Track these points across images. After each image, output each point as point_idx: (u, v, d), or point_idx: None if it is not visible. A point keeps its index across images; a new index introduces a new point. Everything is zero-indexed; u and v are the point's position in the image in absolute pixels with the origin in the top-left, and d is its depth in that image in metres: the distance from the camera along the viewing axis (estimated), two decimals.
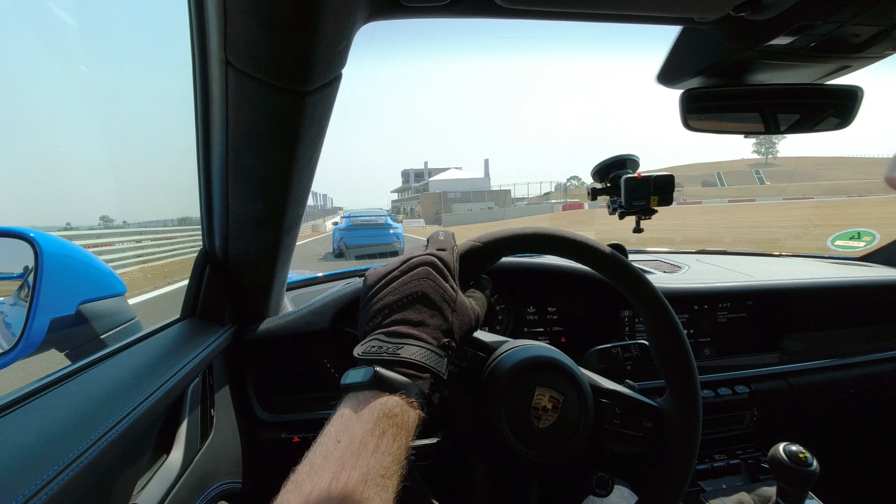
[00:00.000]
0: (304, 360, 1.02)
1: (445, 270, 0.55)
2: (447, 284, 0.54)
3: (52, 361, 0.80)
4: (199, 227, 0.85)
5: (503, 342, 0.71)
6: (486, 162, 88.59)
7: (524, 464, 0.63)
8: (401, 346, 0.48)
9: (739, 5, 0.57)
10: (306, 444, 0.41)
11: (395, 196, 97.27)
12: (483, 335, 0.73)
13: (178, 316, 0.89)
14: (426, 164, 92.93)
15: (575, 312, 1.21)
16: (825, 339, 1.25)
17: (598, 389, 0.69)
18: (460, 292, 0.55)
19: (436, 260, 0.55)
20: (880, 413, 1.29)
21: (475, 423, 0.65)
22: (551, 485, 0.74)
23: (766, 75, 0.79)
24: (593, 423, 0.65)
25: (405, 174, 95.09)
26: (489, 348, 0.69)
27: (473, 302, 0.58)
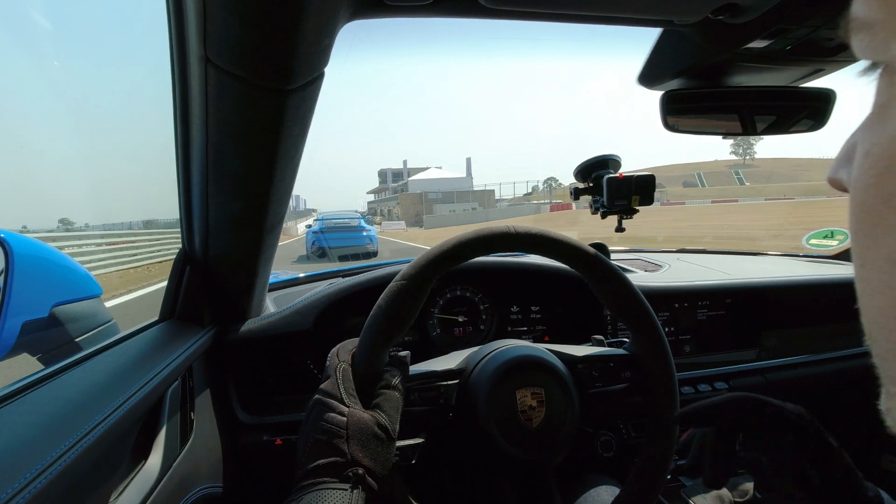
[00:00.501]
0: (287, 361, 1.01)
1: (329, 400, 0.56)
2: (333, 414, 0.54)
3: (25, 366, 0.78)
4: (154, 232, 0.83)
5: (465, 359, 0.70)
6: (469, 161, 78.36)
7: (537, 468, 0.63)
8: (299, 499, 0.49)
9: (718, 9, 0.59)
10: (289, 447, 0.41)
11: (371, 197, 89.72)
12: (439, 362, 0.72)
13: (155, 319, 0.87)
14: (405, 162, 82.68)
15: (558, 311, 1.21)
16: (800, 335, 1.28)
17: (570, 361, 0.69)
18: (355, 411, 0.55)
19: (318, 398, 0.57)
20: (853, 407, 1.33)
21: (476, 449, 0.65)
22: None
23: (744, 77, 0.81)
24: (579, 397, 0.66)
25: (382, 174, 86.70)
26: (454, 372, 0.68)
27: (383, 402, 0.58)
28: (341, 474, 0.51)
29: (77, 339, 0.84)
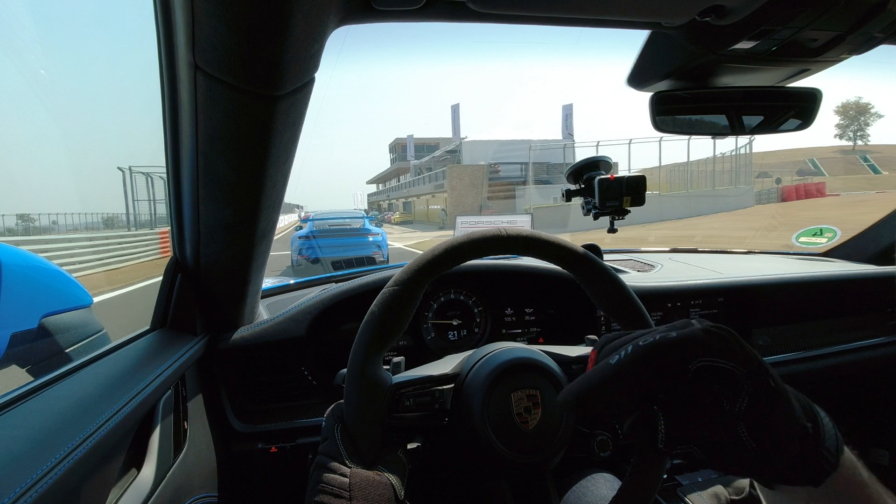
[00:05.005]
0: (281, 368, 1.00)
1: (330, 462, 0.57)
2: (335, 476, 0.55)
3: (13, 378, 0.77)
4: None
5: (460, 363, 0.70)
6: (569, 109, 30.20)
7: (534, 471, 0.63)
8: None
9: (704, 11, 0.59)
10: (284, 455, 0.40)
11: (372, 188, 61.62)
12: (434, 367, 0.72)
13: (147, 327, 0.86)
14: (455, 109, 36.80)
15: (552, 312, 1.22)
16: (791, 332, 1.29)
17: (564, 362, 0.69)
18: (358, 471, 0.56)
19: (318, 460, 0.58)
20: (843, 401, 1.35)
21: (472, 454, 0.65)
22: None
23: (731, 78, 0.81)
24: None
25: (395, 147, 50.42)
26: (449, 377, 0.68)
27: (389, 462, 0.59)
28: None
29: (67, 350, 0.83)
